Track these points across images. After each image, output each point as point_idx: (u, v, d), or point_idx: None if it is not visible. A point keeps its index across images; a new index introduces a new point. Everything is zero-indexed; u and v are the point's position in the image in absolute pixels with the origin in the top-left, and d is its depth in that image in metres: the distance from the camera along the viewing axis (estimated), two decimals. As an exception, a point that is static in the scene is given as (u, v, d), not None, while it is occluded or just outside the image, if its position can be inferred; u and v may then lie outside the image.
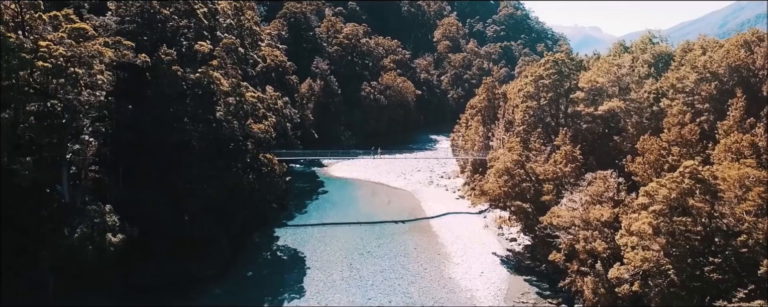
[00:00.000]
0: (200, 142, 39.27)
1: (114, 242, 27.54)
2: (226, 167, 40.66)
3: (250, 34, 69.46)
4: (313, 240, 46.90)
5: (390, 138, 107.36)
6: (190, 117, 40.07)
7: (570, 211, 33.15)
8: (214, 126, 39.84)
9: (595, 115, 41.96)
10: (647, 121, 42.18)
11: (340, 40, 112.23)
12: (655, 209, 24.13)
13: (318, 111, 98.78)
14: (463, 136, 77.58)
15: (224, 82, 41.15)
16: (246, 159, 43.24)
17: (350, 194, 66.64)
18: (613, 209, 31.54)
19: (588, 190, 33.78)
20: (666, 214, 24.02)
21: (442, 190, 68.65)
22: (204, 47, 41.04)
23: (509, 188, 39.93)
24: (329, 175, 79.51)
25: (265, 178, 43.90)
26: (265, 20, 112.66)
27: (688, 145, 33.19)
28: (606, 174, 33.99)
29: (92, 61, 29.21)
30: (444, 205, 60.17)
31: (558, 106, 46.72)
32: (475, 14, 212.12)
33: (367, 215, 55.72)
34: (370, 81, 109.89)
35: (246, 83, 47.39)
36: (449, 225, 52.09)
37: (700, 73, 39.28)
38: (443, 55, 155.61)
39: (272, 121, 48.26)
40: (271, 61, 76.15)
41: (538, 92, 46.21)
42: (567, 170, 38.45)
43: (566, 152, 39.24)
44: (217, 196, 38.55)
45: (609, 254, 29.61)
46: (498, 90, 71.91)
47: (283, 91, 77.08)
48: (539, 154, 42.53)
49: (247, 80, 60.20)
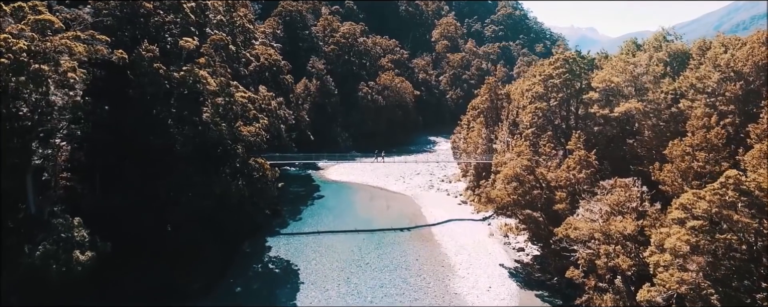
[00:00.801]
0: (185, 146, 36.26)
1: (82, 260, 24.50)
2: (213, 173, 37.64)
3: (242, 31, 66.38)
4: (308, 250, 43.91)
5: (388, 139, 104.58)
6: (175, 119, 37.08)
7: (588, 222, 30.29)
8: (201, 129, 36.85)
9: (610, 117, 39.11)
10: (664, 123, 39.52)
11: (336, 39, 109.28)
12: (693, 225, 21.27)
13: (314, 112, 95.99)
14: (464, 138, 74.76)
15: (211, 82, 38.12)
16: (235, 164, 40.19)
17: (347, 199, 63.67)
18: (637, 220, 28.73)
19: (607, 199, 30.94)
20: (706, 230, 21.18)
21: (443, 195, 65.75)
22: (189, 44, 37.99)
23: (519, 196, 37.06)
24: (325, 178, 76.51)
25: (256, 184, 40.89)
26: (259, 19, 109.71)
27: (714, 150, 30.50)
28: (627, 182, 31.18)
29: (59, 57, 26.11)
30: (446, 211, 57.28)
31: (568, 108, 43.93)
32: (473, 14, 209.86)
33: (365, 222, 52.78)
34: (367, 81, 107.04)
35: (236, 83, 44.41)
36: (452, 233, 49.20)
37: (724, 72, 36.56)
38: (441, 55, 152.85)
39: (264, 123, 45.25)
40: (265, 60, 73.17)
41: (548, 93, 43.41)
42: (581, 176, 35.64)
43: (580, 157, 36.43)
44: (203, 204, 35.55)
45: (634, 272, 26.76)
46: (501, 90, 69.23)
47: (277, 91, 74.16)
48: (550, 159, 39.70)
49: (239, 80, 57.28)
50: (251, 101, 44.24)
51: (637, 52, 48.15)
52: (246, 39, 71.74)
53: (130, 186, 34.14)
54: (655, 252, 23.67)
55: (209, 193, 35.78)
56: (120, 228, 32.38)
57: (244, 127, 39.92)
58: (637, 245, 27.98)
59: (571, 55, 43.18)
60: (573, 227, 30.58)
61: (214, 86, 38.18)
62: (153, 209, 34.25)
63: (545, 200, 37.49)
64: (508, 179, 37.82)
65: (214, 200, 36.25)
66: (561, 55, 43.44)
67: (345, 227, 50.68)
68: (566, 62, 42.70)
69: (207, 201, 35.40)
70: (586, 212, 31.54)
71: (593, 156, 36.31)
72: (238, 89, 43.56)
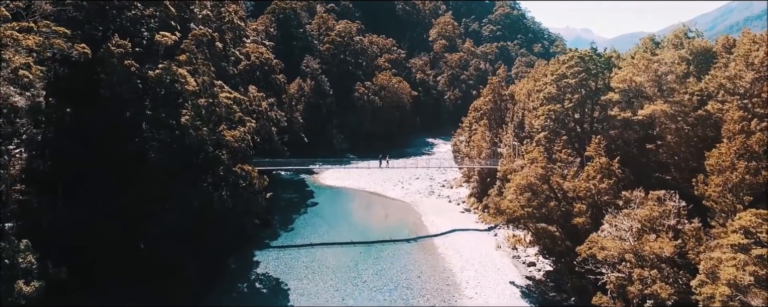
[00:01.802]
0: (161, 153, 32.40)
1: (26, 291, 20.54)
2: (193, 183, 33.78)
3: (232, 28, 62.42)
4: (300, 266, 40.09)
5: (385, 141, 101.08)
6: (149, 122, 33.19)
7: (617, 241, 26.64)
8: (178, 133, 32.91)
9: (632, 120, 35.53)
10: (689, 127, 36.03)
11: (332, 37, 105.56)
12: (760, 254, 17.65)
13: (308, 113, 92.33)
14: (466, 141, 71.18)
15: (191, 81, 34.23)
16: (219, 172, 36.29)
17: (343, 207, 59.87)
18: (676, 240, 25.12)
19: (637, 214, 27.32)
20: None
21: (445, 201, 62.07)
22: (167, 39, 34.08)
23: (533, 209, 33.38)
24: (320, 183, 72.66)
25: (241, 194, 37.04)
26: (252, 16, 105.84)
27: (755, 159, 26.95)
28: (660, 194, 27.57)
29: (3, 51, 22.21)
30: (448, 219, 53.59)
31: (584, 110, 40.33)
32: (470, 14, 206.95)
33: (361, 233, 49.00)
34: (363, 81, 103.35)
35: (220, 82, 40.52)
36: (456, 245, 45.48)
37: (758, 71, 33.07)
38: (439, 54, 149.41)
39: (252, 126, 41.41)
40: (256, 58, 69.27)
41: (562, 94, 39.80)
42: (603, 186, 32.01)
43: (601, 165, 32.82)
44: (180, 218, 31.63)
45: (676, 302, 23.12)
46: (505, 91, 65.70)
47: (269, 91, 70.36)
48: (566, 166, 36.09)
49: (227, 79, 53.44)
50: (237, 103, 40.36)
51: (656, 49, 44.64)
52: (236, 36, 67.87)
53: (97, 198, 30.18)
54: (706, 282, 20.02)
55: (187, 206, 31.85)
56: (85, 246, 28.61)
57: (228, 132, 35.99)
58: (677, 269, 24.38)
59: (587, 53, 39.58)
60: (599, 246, 26.92)
61: (195, 86, 34.29)
62: (123, 225, 30.31)
63: (562, 212, 33.85)
64: (521, 189, 34.14)
65: (193, 213, 32.32)
66: (576, 53, 39.85)
67: (340, 239, 46.90)
68: (581, 60, 39.12)
69: (185, 215, 31.42)
70: (613, 229, 27.88)
71: (616, 164, 32.70)
72: (222, 89, 39.70)
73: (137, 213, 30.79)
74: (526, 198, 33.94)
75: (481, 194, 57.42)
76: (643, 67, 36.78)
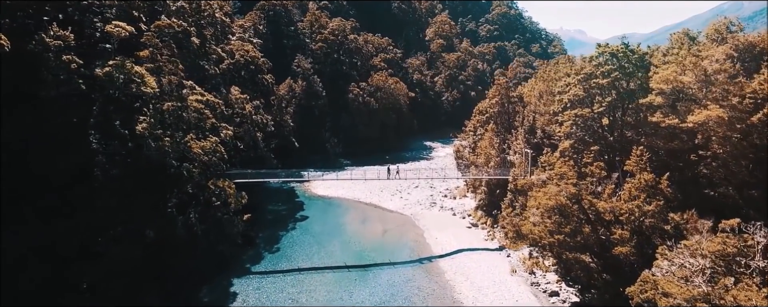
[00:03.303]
0: (109, 169, 26.44)
1: None
2: (152, 205, 27.83)
3: (212, 23, 56.47)
4: (284, 298, 34.14)
5: (382, 145, 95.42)
6: (97, 131, 27.23)
7: (683, 285, 20.93)
8: (131, 145, 26.97)
9: (679, 128, 29.93)
10: (739, 136, 30.55)
11: (325, 35, 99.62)
12: None
13: (299, 116, 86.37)
14: (470, 146, 65.52)
15: (151, 81, 28.29)
16: (187, 190, 30.38)
17: (335, 221, 53.96)
18: (763, 286, 19.48)
19: (705, 247, 21.67)
20: None
21: (448, 214, 56.30)
22: (121, 30, 28.10)
23: (565, 236, 27.65)
24: (311, 193, 66.72)
25: (214, 215, 31.14)
26: (239, 13, 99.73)
27: None
28: (733, 223, 21.93)
29: None
30: (454, 236, 47.83)
31: (615, 115, 34.74)
32: (467, 13, 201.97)
33: (356, 255, 43.15)
34: (358, 82, 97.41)
35: (191, 83, 34.55)
36: (465, 269, 39.72)
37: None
38: (436, 54, 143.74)
39: (229, 134, 35.52)
40: (241, 56, 63.33)
41: (590, 96, 34.19)
42: (650, 208, 26.39)
43: (646, 182, 27.21)
44: (132, 251, 25.70)
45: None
46: (513, 93, 60.16)
47: (255, 93, 64.46)
48: (601, 183, 30.42)
49: (207, 80, 47.56)
50: (211, 107, 34.41)
51: (692, 45, 39.16)
52: (220, 32, 62.03)
53: (25, 228, 24.22)
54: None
55: (141, 236, 25.91)
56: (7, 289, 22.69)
57: (195, 143, 30.04)
58: (770, 327, 18.74)
59: (620, 49, 33.97)
60: (660, 291, 21.22)
61: (155, 87, 28.31)
62: (58, 260, 24.36)
63: (597, 239, 28.17)
64: (549, 212, 28.42)
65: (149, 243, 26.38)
66: (607, 49, 34.24)
67: (332, 262, 41.02)
68: (614, 57, 33.54)
69: (136, 248, 25.48)
70: (674, 266, 22.19)
71: (665, 181, 27.10)
72: (194, 91, 33.75)
73: (77, 245, 24.82)
74: (555, 222, 28.21)
75: (489, 206, 51.75)
76: (689, 64, 31.19)
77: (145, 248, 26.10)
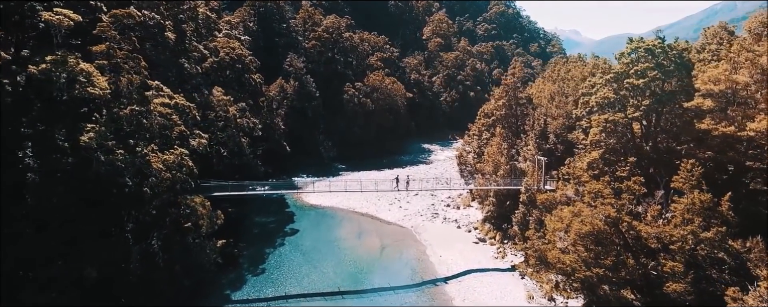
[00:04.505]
0: (45, 189, 21.46)
1: None
2: (101, 232, 22.85)
3: (193, 17, 51.52)
4: (268, 334, 29.29)
5: (379, 148, 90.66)
6: (32, 142, 22.23)
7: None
8: (73, 160, 21.99)
9: (738, 137, 25.26)
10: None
11: (318, 33, 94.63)
12: None
13: (291, 118, 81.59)
14: (475, 152, 60.86)
15: (102, 81, 23.30)
16: (149, 211, 25.39)
17: (328, 236, 49.05)
18: None
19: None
20: None
21: (452, 227, 51.51)
22: (63, 19, 23.07)
23: (606, 269, 22.89)
24: (302, 202, 61.76)
25: (181, 241, 26.18)
26: (228, 9, 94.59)
27: None
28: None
29: None
30: (460, 254, 43.07)
31: (651, 120, 30.05)
32: (464, 12, 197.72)
33: (351, 277, 38.31)
34: (354, 82, 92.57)
35: (157, 83, 29.49)
36: (476, 296, 34.93)
37: None
38: (434, 53, 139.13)
39: (202, 143, 30.56)
40: (226, 54, 58.23)
41: (623, 99, 29.49)
42: (710, 235, 21.70)
43: (701, 202, 22.52)
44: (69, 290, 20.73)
45: None
46: (522, 94, 55.55)
47: (241, 93, 59.48)
48: (641, 201, 25.70)
49: (186, 80, 42.64)
50: (181, 112, 29.40)
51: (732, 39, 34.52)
52: (203, 28, 57.09)
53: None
54: None
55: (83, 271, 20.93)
56: None
57: (156, 156, 25.04)
58: None
59: (657, 44, 29.28)
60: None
61: (106, 88, 23.32)
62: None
63: (643, 271, 23.44)
64: (584, 239, 23.67)
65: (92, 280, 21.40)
66: (642, 44, 29.54)
67: (324, 287, 36.15)
68: (651, 53, 28.85)
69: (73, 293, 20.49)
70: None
71: (726, 202, 22.42)
72: (159, 94, 28.74)
73: (3, 282, 19.84)
74: (592, 251, 23.44)
75: (498, 219, 47.03)
76: (743, 61, 26.53)
77: (83, 292, 21.12)
